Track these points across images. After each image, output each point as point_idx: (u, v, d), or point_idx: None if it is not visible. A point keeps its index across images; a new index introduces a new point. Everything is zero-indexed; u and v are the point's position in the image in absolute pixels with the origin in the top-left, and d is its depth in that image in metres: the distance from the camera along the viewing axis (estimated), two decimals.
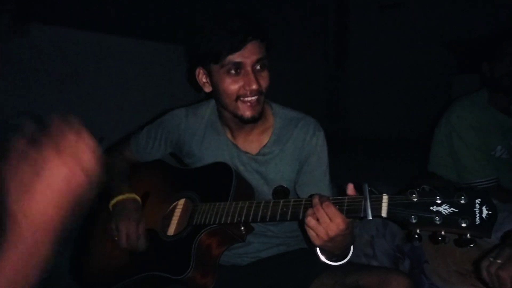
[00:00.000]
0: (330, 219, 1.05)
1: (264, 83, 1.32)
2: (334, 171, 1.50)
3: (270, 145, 1.44)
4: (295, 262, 1.43)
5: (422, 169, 2.31)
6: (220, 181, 1.37)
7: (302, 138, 1.42)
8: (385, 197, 1.03)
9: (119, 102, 3.21)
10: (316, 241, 1.08)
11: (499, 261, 1.01)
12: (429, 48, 5.59)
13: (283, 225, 1.49)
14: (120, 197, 1.45)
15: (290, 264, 1.43)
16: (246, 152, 1.45)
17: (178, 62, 3.62)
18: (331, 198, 1.10)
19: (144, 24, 3.33)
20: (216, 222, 1.28)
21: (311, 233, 1.08)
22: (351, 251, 1.24)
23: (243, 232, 1.33)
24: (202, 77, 1.40)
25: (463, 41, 5.06)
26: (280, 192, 1.40)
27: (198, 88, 1.43)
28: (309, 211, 1.09)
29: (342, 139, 5.70)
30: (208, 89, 1.41)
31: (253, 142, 1.45)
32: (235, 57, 1.27)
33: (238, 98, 1.31)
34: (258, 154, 1.44)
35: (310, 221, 1.07)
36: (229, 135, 1.47)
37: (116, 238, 1.39)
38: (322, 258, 1.23)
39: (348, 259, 1.24)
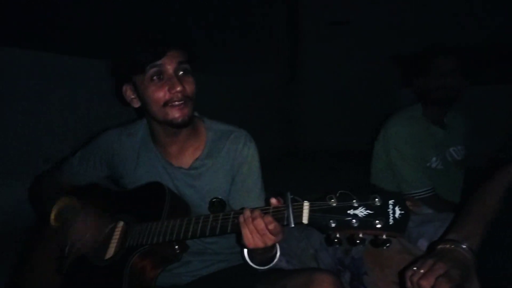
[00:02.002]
0: (264, 229, 1.09)
1: (189, 87, 1.34)
2: (287, 183, 1.52)
3: (202, 158, 1.44)
4: (233, 277, 1.44)
5: (366, 182, 2.37)
6: (153, 201, 1.36)
7: (233, 149, 1.44)
8: (306, 204, 1.07)
9: (64, 121, 3.12)
10: (247, 242, 1.12)
11: (421, 270, 1.04)
12: (376, 63, 5.81)
13: (222, 242, 1.50)
14: (56, 208, 1.45)
15: (229, 279, 1.44)
16: (180, 167, 1.45)
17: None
18: (258, 208, 1.13)
19: (88, 42, 3.27)
20: (148, 243, 1.26)
21: (246, 235, 1.12)
22: (278, 254, 1.27)
23: (177, 251, 1.32)
24: (129, 93, 1.41)
25: (404, 56, 5.28)
26: (216, 204, 1.41)
27: (128, 105, 1.44)
28: (242, 224, 1.12)
29: (294, 153, 5.80)
30: (136, 104, 1.41)
31: (185, 157, 1.45)
32: (157, 63, 1.29)
33: (165, 104, 1.32)
34: (190, 168, 1.44)
35: (245, 233, 1.11)
36: (162, 152, 1.47)
37: (68, 246, 1.38)
38: (252, 264, 1.26)
39: (275, 264, 1.28)
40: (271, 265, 1.27)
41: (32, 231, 1.64)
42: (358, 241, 1.00)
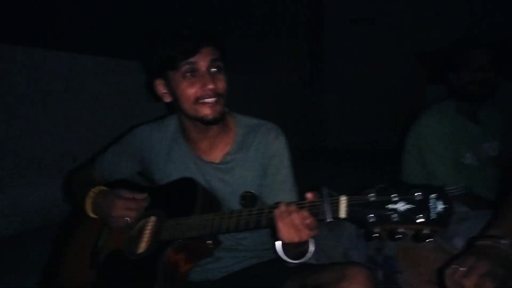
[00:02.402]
0: (300, 224, 1.08)
1: (221, 85, 1.34)
2: (310, 182, 1.50)
3: (233, 152, 1.44)
4: (265, 273, 1.42)
5: (397, 179, 2.32)
6: (185, 196, 1.37)
7: (264, 143, 1.43)
8: (343, 198, 1.05)
9: (90, 121, 3.17)
10: (284, 237, 1.11)
11: (463, 268, 1.00)
12: (402, 60, 5.71)
13: (253, 238, 1.49)
14: (90, 198, 1.45)
15: (260, 275, 1.42)
16: (210, 162, 1.45)
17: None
18: (294, 202, 1.12)
19: (114, 42, 3.31)
20: (181, 237, 1.26)
21: (283, 230, 1.11)
22: (311, 248, 1.24)
23: (210, 246, 1.31)
24: (161, 88, 1.42)
25: (431, 52, 5.19)
26: (248, 198, 1.39)
27: (159, 100, 1.45)
28: (277, 218, 1.11)
29: (318, 151, 5.75)
30: (167, 99, 1.42)
31: (216, 152, 1.46)
32: (190, 60, 1.30)
33: (197, 101, 1.32)
34: (221, 162, 1.44)
35: (281, 227, 1.10)
36: (192, 148, 1.47)
37: (126, 222, 1.39)
38: (285, 257, 1.23)
39: (310, 259, 1.25)
40: (303, 259, 1.24)
41: (65, 227, 1.66)
42: (398, 236, 0.98)
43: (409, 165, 2.18)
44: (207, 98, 1.32)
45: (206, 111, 1.33)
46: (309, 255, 1.25)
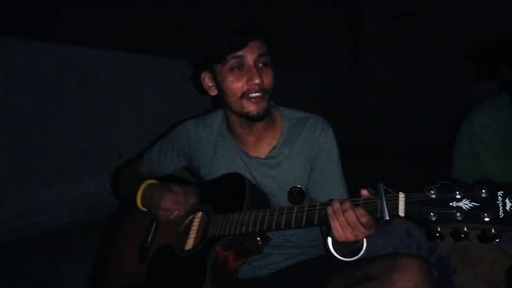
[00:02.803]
0: (356, 222, 1.05)
1: (268, 80, 1.32)
2: (351, 181, 1.47)
3: (279, 147, 1.42)
4: (313, 269, 1.41)
5: (444, 177, 2.24)
6: (233, 192, 1.36)
7: (310, 137, 1.41)
8: (401, 196, 1.01)
9: (136, 118, 3.23)
10: (337, 235, 1.08)
11: None
12: (445, 55, 5.52)
13: (301, 235, 1.46)
14: (141, 190, 1.46)
15: (308, 272, 1.40)
16: (257, 157, 1.43)
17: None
18: (348, 199, 1.09)
19: (158, 40, 3.36)
20: (231, 233, 1.25)
21: (336, 228, 1.08)
22: (365, 245, 1.21)
23: (260, 243, 1.30)
24: (207, 81, 1.42)
25: (478, 46, 4.99)
26: (296, 193, 1.35)
27: (205, 93, 1.45)
28: (331, 216, 1.08)
29: (358, 149, 5.64)
30: (213, 92, 1.42)
31: (262, 147, 1.44)
32: (238, 53, 1.29)
33: (243, 95, 1.31)
34: (267, 157, 1.42)
35: (335, 226, 1.07)
36: (238, 143, 1.46)
37: (174, 215, 1.39)
38: (336, 255, 1.22)
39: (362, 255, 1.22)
40: (356, 257, 1.22)
41: (113, 222, 1.68)
42: (462, 236, 0.93)
43: (460, 163, 2.09)
44: (253, 93, 1.30)
45: (251, 107, 1.31)
46: (361, 253, 1.22)
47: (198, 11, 3.59)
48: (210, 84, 1.41)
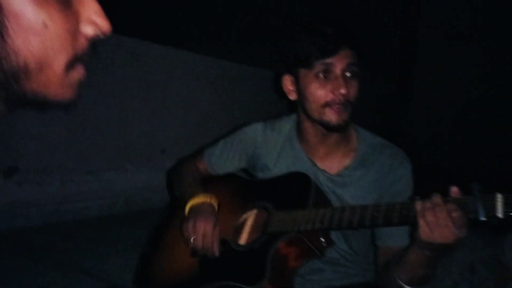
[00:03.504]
0: (446, 218, 0.97)
1: (353, 91, 1.26)
2: None
3: (352, 168, 1.35)
4: None
5: None
6: (297, 189, 1.30)
7: (388, 166, 1.32)
8: (499, 196, 0.93)
9: (182, 116, 3.23)
10: (425, 236, 1.00)
11: None
12: (502, 80, 5.29)
13: (358, 257, 1.39)
14: (197, 200, 1.41)
15: None
16: (324, 171, 1.36)
17: (243, 81, 3.63)
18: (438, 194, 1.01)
19: (213, 42, 3.36)
20: (295, 230, 1.20)
21: (424, 228, 0.99)
22: (431, 278, 1.13)
23: (324, 245, 1.23)
24: (288, 84, 1.36)
25: None
26: None
27: (283, 96, 1.40)
28: (419, 213, 1.01)
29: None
30: (293, 96, 1.36)
31: (333, 162, 1.37)
32: (326, 60, 1.22)
33: (325, 104, 1.25)
34: (337, 174, 1.35)
35: (422, 224, 1.00)
36: (307, 151, 1.40)
37: (191, 238, 1.32)
38: (403, 284, 1.13)
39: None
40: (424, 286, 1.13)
41: (165, 215, 1.68)
42: None
43: None
44: (336, 103, 1.23)
45: (332, 117, 1.25)
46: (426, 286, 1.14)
47: (257, 14, 3.57)
48: (291, 88, 1.36)
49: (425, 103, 5.96)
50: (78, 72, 0.53)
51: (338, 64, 1.22)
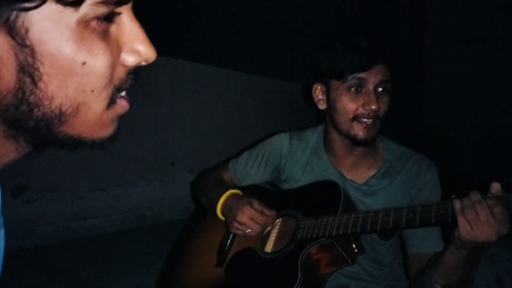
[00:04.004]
0: (487, 214, 0.95)
1: (383, 107, 1.25)
2: None
3: (379, 177, 1.34)
4: None
5: None
6: (326, 197, 1.29)
7: (415, 173, 1.32)
8: None
9: (191, 128, 3.20)
10: (466, 235, 0.98)
11: None
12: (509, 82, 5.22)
13: (385, 271, 1.35)
14: (226, 195, 1.42)
15: None
16: (352, 181, 1.36)
17: (252, 92, 3.61)
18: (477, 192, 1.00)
19: (220, 52, 3.35)
20: (326, 235, 1.18)
21: (464, 226, 0.98)
22: (469, 282, 1.12)
23: (355, 251, 1.21)
24: (318, 94, 1.36)
25: None
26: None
27: (312, 105, 1.40)
28: (458, 211, 0.99)
29: None
30: (322, 106, 1.36)
31: (360, 172, 1.37)
32: (360, 75, 1.22)
33: (355, 118, 1.25)
34: (365, 184, 1.35)
35: (462, 221, 0.98)
36: (333, 162, 1.40)
37: (246, 231, 1.33)
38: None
39: None
40: None
41: (190, 225, 1.66)
42: None
43: None
44: (366, 118, 1.23)
45: (360, 132, 1.25)
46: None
47: (263, 25, 3.56)
48: (321, 98, 1.36)
49: (437, 107, 5.90)
50: (121, 106, 0.48)
51: (372, 79, 1.23)
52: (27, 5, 0.36)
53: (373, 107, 1.21)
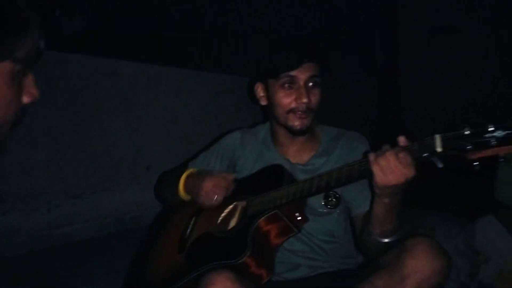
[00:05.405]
0: (395, 161, 1.11)
1: (315, 99, 1.45)
2: None
3: (318, 155, 1.55)
4: (336, 279, 1.44)
5: (488, 199, 2.11)
6: (271, 178, 1.46)
7: (348, 146, 1.54)
8: (437, 135, 1.08)
9: (166, 132, 3.24)
10: (380, 180, 1.13)
11: None
12: (488, 73, 5.30)
13: (335, 248, 1.50)
14: (184, 177, 1.59)
15: (332, 281, 1.44)
16: (296, 163, 1.55)
17: (226, 92, 3.65)
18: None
19: (192, 55, 3.38)
20: (271, 207, 1.33)
21: (378, 173, 1.14)
22: (400, 229, 1.28)
23: (299, 218, 1.36)
24: (260, 91, 1.58)
25: None
26: (331, 196, 1.46)
27: (256, 102, 1.61)
28: (372, 162, 1.16)
29: None
30: (263, 102, 1.57)
31: (302, 155, 1.57)
32: (291, 73, 1.41)
33: (290, 111, 1.44)
34: (307, 163, 1.54)
35: (376, 170, 1.14)
36: (280, 151, 1.59)
37: (213, 199, 1.48)
38: (377, 237, 1.28)
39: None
40: (393, 237, 1.27)
41: (156, 226, 1.85)
42: (501, 160, 1.00)
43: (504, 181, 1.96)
44: (299, 111, 1.43)
45: (296, 122, 1.45)
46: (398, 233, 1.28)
47: (232, 27, 3.60)
48: (262, 95, 1.57)
49: (413, 98, 5.97)
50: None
51: (301, 76, 1.42)
52: None
53: (305, 100, 1.40)
